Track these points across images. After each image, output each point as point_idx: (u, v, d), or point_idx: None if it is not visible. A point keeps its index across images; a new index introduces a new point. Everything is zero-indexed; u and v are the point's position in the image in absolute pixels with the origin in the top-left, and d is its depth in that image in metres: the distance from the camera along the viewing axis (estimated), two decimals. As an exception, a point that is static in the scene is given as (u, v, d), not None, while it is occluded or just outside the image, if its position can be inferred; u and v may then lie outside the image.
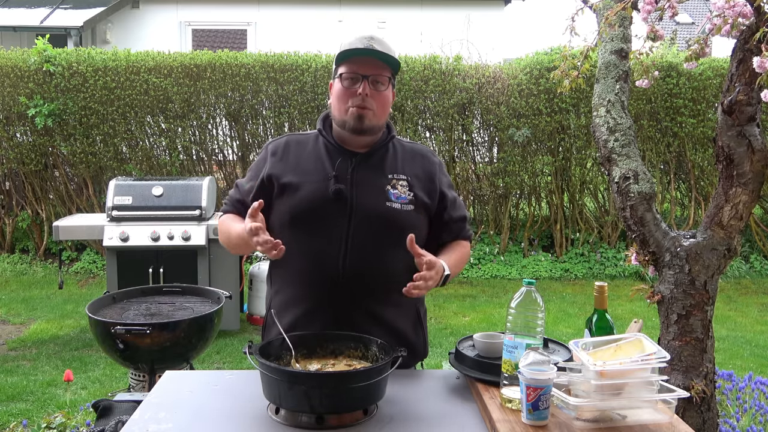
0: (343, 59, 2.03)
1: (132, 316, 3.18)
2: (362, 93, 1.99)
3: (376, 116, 2.03)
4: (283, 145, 2.14)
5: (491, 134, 7.59)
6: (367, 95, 1.99)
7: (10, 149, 7.21)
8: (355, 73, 2.01)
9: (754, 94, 2.22)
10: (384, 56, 2.01)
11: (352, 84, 2.01)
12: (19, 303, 6.27)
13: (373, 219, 2.01)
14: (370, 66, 2.01)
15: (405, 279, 1.88)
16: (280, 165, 2.09)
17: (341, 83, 2.03)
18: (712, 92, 7.26)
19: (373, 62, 2.01)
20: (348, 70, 2.02)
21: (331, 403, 1.67)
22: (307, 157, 2.09)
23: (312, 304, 2.04)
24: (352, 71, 2.01)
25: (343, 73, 2.02)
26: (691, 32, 20.27)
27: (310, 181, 2.03)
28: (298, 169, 2.07)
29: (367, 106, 2.00)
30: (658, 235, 2.49)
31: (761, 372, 4.45)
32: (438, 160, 2.20)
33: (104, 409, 2.25)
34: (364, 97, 1.99)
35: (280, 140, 2.17)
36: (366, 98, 1.99)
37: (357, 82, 2.00)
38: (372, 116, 2.02)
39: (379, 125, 2.07)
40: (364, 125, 2.02)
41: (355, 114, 2.01)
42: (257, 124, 7.41)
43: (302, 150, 2.11)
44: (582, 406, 1.64)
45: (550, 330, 5.48)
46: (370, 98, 2.00)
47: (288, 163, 2.09)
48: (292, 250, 2.05)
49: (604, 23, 2.49)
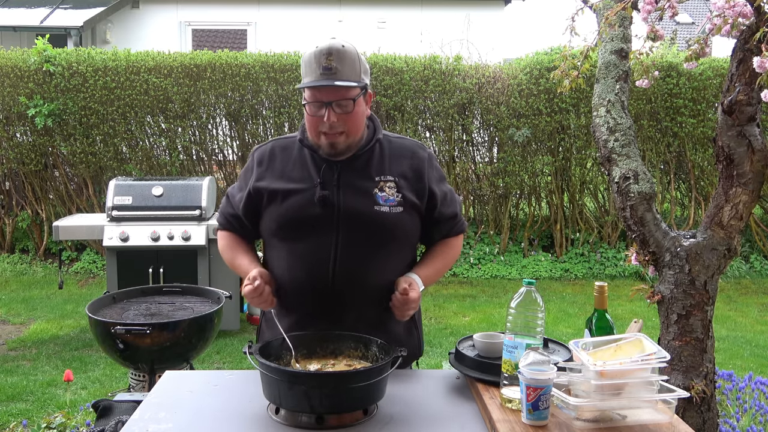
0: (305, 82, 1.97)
1: (132, 316, 3.18)
2: (328, 120, 1.94)
3: (348, 137, 1.99)
4: (268, 153, 2.12)
5: (491, 134, 7.59)
6: (335, 121, 1.94)
7: (10, 149, 7.21)
8: (317, 101, 1.95)
9: (754, 94, 2.22)
10: (341, 84, 1.92)
11: (317, 110, 1.96)
12: (19, 303, 6.27)
13: (361, 224, 2.00)
14: (332, 91, 1.93)
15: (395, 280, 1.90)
16: (266, 174, 2.08)
17: (307, 109, 1.98)
18: (712, 92, 7.26)
19: (334, 87, 1.93)
20: (310, 98, 1.96)
21: (331, 403, 1.67)
22: (292, 164, 2.07)
23: (304, 311, 2.04)
24: (314, 98, 1.96)
25: (307, 101, 1.97)
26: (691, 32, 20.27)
27: (296, 189, 2.02)
28: (284, 177, 2.05)
29: (336, 131, 1.96)
30: (658, 235, 2.49)
31: (761, 372, 4.44)
32: (427, 153, 2.14)
33: (104, 409, 2.25)
34: (331, 124, 1.95)
35: (266, 147, 2.15)
36: (334, 124, 1.95)
37: (322, 108, 1.95)
38: (344, 139, 1.98)
39: (354, 142, 2.02)
40: (338, 150, 1.99)
41: (326, 142, 1.98)
42: (257, 124, 7.41)
43: (287, 156, 2.09)
44: (582, 406, 1.64)
45: (550, 330, 5.47)
46: (338, 122, 1.95)
47: (274, 171, 2.07)
48: (281, 258, 2.06)
49: (604, 23, 2.49)
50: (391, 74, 7.11)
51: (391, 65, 7.12)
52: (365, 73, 2.01)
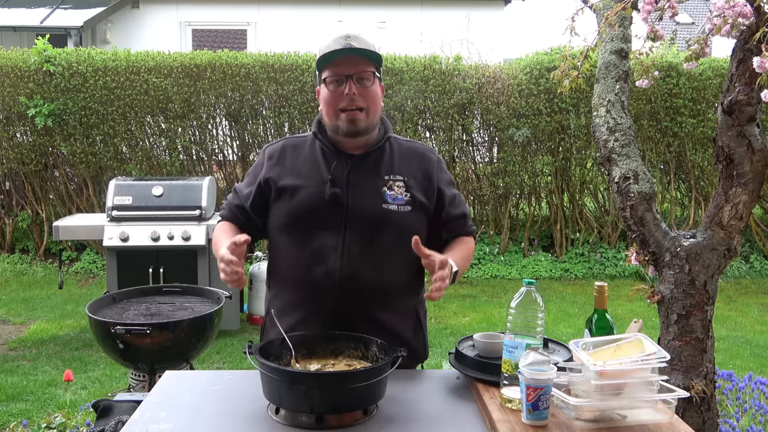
0: (324, 63, 2.00)
1: (132, 316, 3.18)
2: (349, 93, 1.96)
3: (368, 115, 2.01)
4: (279, 149, 2.13)
5: (491, 134, 7.59)
6: (355, 94, 1.97)
7: (10, 149, 7.21)
8: (338, 75, 1.98)
9: (754, 94, 2.22)
10: (364, 52, 1.99)
11: (337, 86, 1.98)
12: (19, 303, 6.27)
13: (369, 222, 2.00)
14: (352, 64, 1.98)
15: (403, 281, 1.87)
16: (276, 169, 2.08)
17: (327, 87, 2.00)
18: (712, 92, 7.26)
19: (354, 60, 1.98)
20: (331, 73, 1.99)
21: (331, 403, 1.67)
22: (303, 161, 2.08)
23: (310, 309, 2.03)
24: (335, 73, 1.98)
25: (327, 77, 2.00)
26: (691, 32, 20.28)
27: (306, 186, 2.02)
28: (294, 173, 2.06)
29: (357, 106, 1.98)
30: (658, 235, 2.49)
31: (761, 372, 4.44)
32: (437, 157, 2.17)
33: (104, 409, 2.25)
34: (352, 97, 1.97)
35: (277, 144, 2.16)
36: (354, 97, 1.97)
37: (342, 83, 1.98)
38: (364, 116, 2.00)
39: (372, 124, 2.05)
40: (358, 127, 2.00)
41: (346, 118, 1.99)
42: (257, 124, 7.41)
43: (299, 153, 2.10)
44: (582, 406, 1.64)
45: (550, 330, 5.47)
46: (358, 96, 1.98)
47: (284, 167, 2.08)
48: (289, 254, 2.05)
49: (604, 23, 2.49)
50: (391, 74, 7.11)
51: (391, 65, 7.12)
52: (378, 62, 2.05)
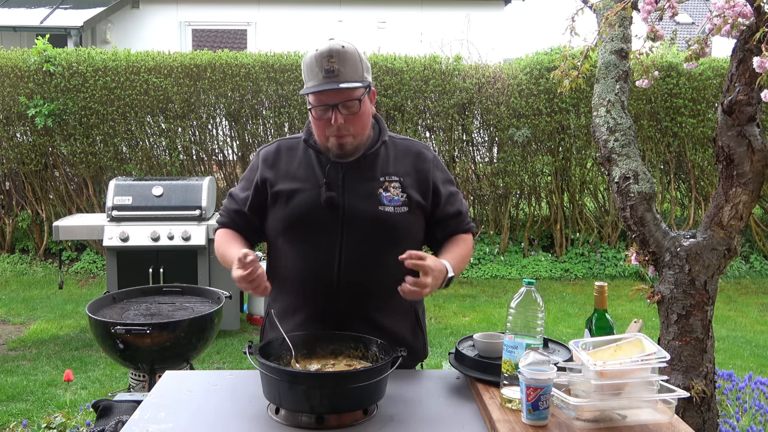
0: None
1: (132, 316, 3.18)
2: (335, 123, 1.93)
3: (356, 137, 1.99)
4: (274, 152, 2.11)
5: (491, 134, 7.59)
6: (342, 123, 1.94)
7: (10, 149, 7.21)
8: (323, 104, 1.94)
9: (754, 94, 2.22)
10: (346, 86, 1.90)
11: (323, 114, 1.95)
12: (19, 303, 6.27)
13: (366, 224, 2.00)
14: (336, 94, 1.92)
15: (401, 282, 1.87)
16: (271, 172, 2.07)
17: (312, 113, 1.97)
18: (712, 92, 7.26)
19: (337, 90, 1.91)
20: (316, 102, 1.95)
21: (331, 403, 1.67)
22: (298, 164, 2.07)
23: (309, 312, 2.03)
24: (320, 102, 1.94)
25: (312, 105, 1.96)
26: (691, 32, 20.27)
27: (302, 189, 2.02)
28: (290, 177, 2.05)
29: (344, 134, 1.96)
30: (658, 235, 2.49)
31: (761, 372, 4.44)
32: (432, 155, 2.14)
33: (104, 409, 2.25)
34: (339, 126, 1.94)
35: (271, 146, 2.15)
36: (341, 126, 1.94)
37: (328, 111, 1.94)
38: (352, 140, 1.98)
39: (362, 142, 2.02)
40: (347, 151, 1.99)
41: (335, 144, 1.97)
42: (257, 124, 7.41)
43: (293, 156, 2.09)
44: (582, 406, 1.64)
45: (550, 330, 5.47)
46: (345, 124, 1.95)
47: (279, 171, 2.07)
48: (287, 258, 2.05)
49: (604, 23, 2.49)
50: (391, 74, 7.11)
51: (391, 65, 7.12)
52: (367, 71, 2.00)
